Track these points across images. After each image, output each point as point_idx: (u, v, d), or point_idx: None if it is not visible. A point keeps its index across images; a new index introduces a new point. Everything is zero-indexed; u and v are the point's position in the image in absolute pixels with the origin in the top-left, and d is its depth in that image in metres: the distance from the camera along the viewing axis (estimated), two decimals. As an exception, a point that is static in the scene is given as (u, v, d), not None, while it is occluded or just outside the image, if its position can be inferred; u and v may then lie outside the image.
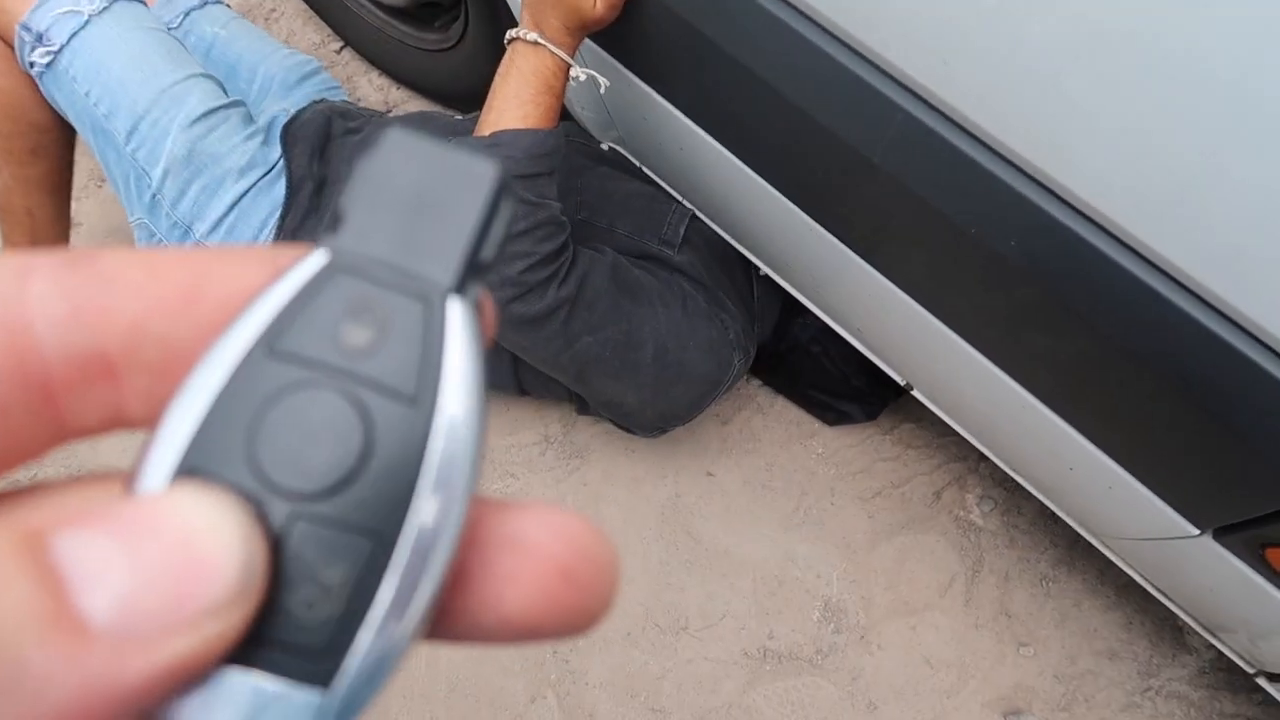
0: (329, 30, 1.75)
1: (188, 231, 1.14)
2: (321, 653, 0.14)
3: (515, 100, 0.93)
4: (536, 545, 0.15)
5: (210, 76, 1.17)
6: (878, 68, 0.72)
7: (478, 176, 0.15)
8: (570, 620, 0.15)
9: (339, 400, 0.14)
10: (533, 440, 1.41)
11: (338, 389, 0.14)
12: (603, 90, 1.02)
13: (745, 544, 1.34)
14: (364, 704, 0.14)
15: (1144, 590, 1.09)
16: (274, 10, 1.80)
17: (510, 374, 1.26)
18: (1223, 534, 0.81)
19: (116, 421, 0.15)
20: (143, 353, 0.14)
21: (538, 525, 0.16)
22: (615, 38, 0.94)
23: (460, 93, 1.59)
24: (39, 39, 1.09)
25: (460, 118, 1.31)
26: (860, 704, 1.24)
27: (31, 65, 1.11)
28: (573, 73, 0.95)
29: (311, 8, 1.73)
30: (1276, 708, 1.15)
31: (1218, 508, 0.79)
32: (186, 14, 1.33)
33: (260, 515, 0.14)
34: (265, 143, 1.17)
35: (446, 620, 0.15)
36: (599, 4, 0.88)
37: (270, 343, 0.14)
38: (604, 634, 1.27)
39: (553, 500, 1.36)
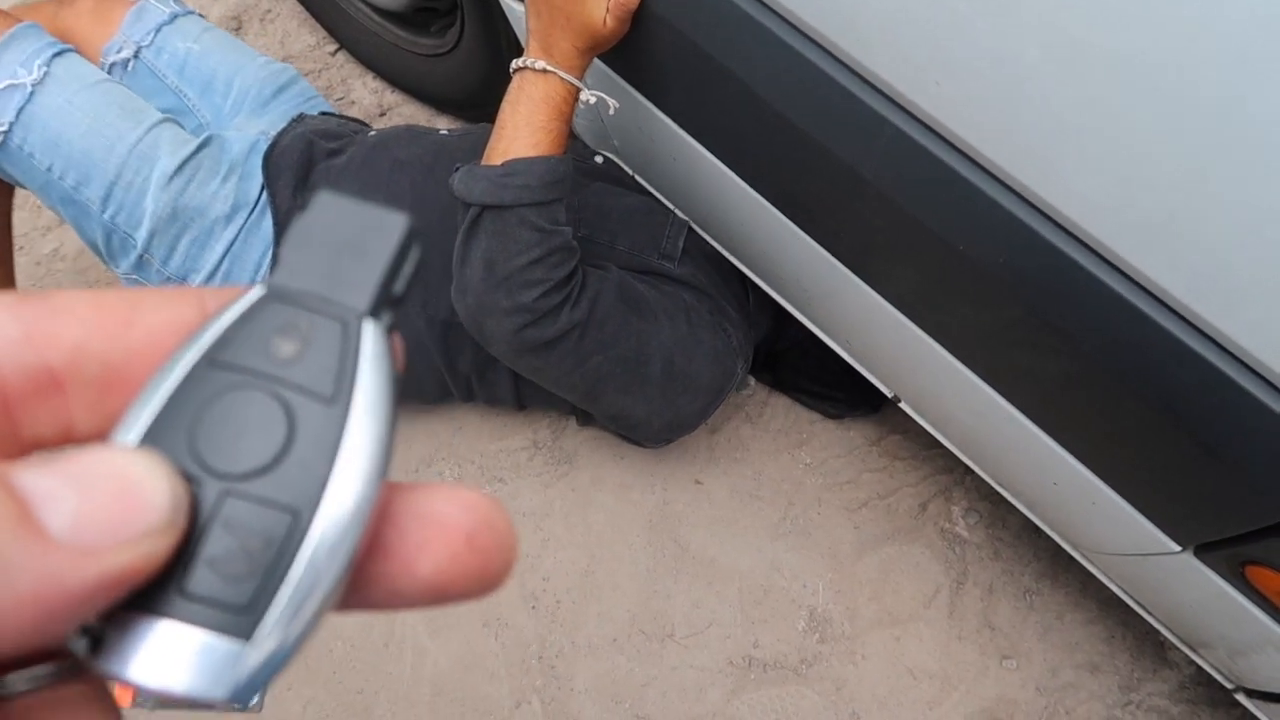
0: (324, 33, 1.75)
1: (183, 284, 1.12)
2: (245, 608, 0.16)
3: (527, 128, 0.92)
4: (444, 516, 0.18)
5: (170, 120, 1.13)
6: (868, 82, 0.72)
7: (390, 226, 0.18)
8: (475, 581, 0.18)
9: (267, 399, 0.17)
10: (521, 445, 1.41)
11: (266, 390, 0.17)
12: (611, 112, 1.01)
13: (732, 552, 1.35)
14: (281, 656, 0.16)
15: (1126, 605, 1.10)
16: (269, 12, 1.80)
17: (511, 390, 1.25)
18: (1204, 551, 0.81)
19: (67, 436, 0.17)
20: (85, 370, 0.17)
21: (445, 500, 0.18)
22: (611, 50, 0.94)
23: (456, 97, 1.59)
24: None
25: (445, 132, 1.30)
26: (844, 714, 1.24)
27: None
28: (583, 96, 0.95)
29: (307, 10, 1.73)
30: (1255, 723, 1.16)
31: (1199, 525, 0.80)
32: (157, 30, 1.30)
33: (194, 489, 0.16)
34: (244, 178, 1.14)
35: (368, 586, 0.18)
36: (610, 20, 0.87)
37: (213, 356, 0.17)
38: (590, 640, 1.27)
39: (540, 505, 1.36)
